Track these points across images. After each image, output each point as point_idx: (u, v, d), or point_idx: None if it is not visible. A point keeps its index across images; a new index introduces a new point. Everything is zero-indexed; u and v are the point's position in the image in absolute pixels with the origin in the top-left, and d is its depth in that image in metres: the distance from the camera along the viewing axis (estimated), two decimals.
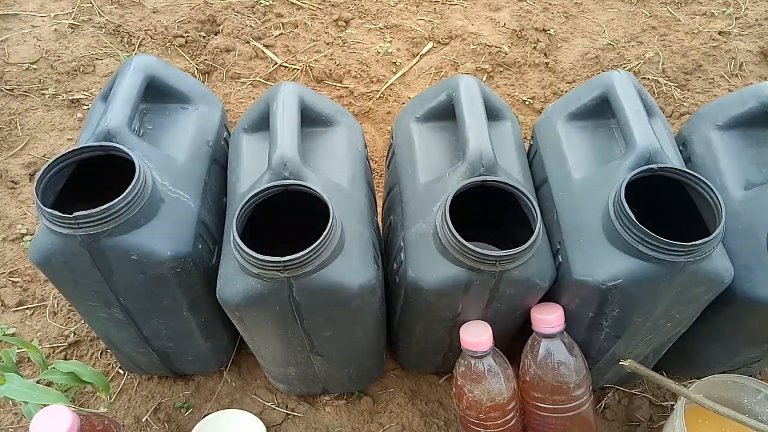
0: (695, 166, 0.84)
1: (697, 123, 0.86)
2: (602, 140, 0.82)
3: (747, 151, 0.81)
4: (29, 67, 1.42)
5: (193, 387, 0.99)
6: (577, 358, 0.78)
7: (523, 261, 0.68)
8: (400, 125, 0.87)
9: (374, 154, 1.32)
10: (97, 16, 1.54)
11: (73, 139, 1.31)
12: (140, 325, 0.82)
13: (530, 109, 1.41)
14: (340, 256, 0.66)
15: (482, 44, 1.52)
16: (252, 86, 1.44)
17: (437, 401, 0.98)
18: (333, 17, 1.59)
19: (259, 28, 1.55)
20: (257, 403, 0.97)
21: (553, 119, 0.86)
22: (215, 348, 0.92)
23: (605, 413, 0.97)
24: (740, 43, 1.53)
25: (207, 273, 0.77)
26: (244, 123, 0.83)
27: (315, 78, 1.45)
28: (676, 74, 1.46)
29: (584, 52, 1.52)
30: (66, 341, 1.02)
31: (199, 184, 0.79)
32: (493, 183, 0.70)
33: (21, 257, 1.13)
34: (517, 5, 1.64)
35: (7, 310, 1.06)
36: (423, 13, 1.63)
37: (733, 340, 0.83)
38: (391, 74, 1.47)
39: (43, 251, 0.68)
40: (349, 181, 0.77)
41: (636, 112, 0.75)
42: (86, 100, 1.38)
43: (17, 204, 1.20)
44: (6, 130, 1.31)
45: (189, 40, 1.50)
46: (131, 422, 0.94)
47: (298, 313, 0.68)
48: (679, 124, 1.36)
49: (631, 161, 0.72)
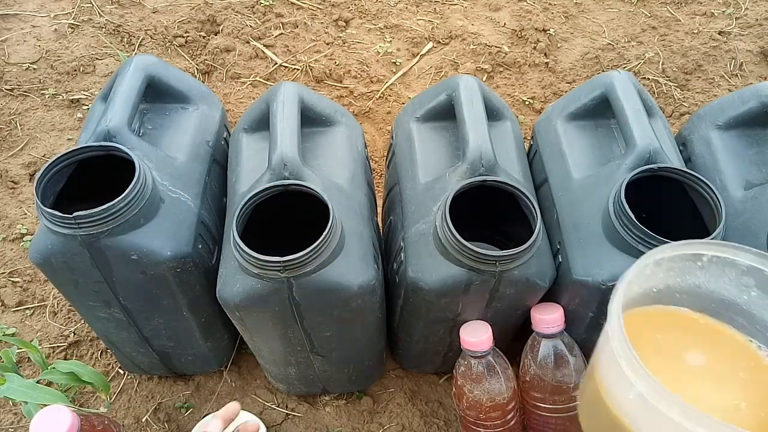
0: (695, 166, 0.84)
1: (697, 123, 0.86)
2: (602, 140, 0.82)
3: (747, 151, 0.81)
4: (29, 67, 1.42)
5: (193, 387, 0.98)
6: (577, 358, 0.78)
7: (523, 261, 0.68)
8: (400, 125, 0.87)
9: (374, 154, 1.32)
10: (97, 16, 1.54)
11: (73, 139, 1.31)
12: (140, 325, 0.82)
13: (530, 109, 1.41)
14: (340, 256, 0.66)
15: (482, 44, 1.52)
16: (252, 86, 1.44)
17: (437, 401, 0.98)
18: (333, 17, 1.59)
19: (259, 28, 1.55)
20: (257, 403, 0.97)
21: (553, 119, 0.86)
22: (215, 348, 0.92)
23: None
24: (740, 43, 1.52)
25: (207, 273, 0.77)
26: (244, 123, 0.83)
27: (315, 78, 1.45)
28: (676, 74, 1.46)
29: (584, 52, 1.52)
30: (66, 341, 1.02)
31: (199, 184, 0.79)
32: (493, 183, 0.70)
33: (21, 257, 1.13)
34: (517, 5, 1.64)
35: (7, 310, 1.06)
36: (423, 13, 1.63)
37: None
38: (391, 74, 1.47)
39: (43, 251, 0.68)
40: (349, 181, 0.77)
41: (636, 112, 0.75)
42: (86, 100, 1.38)
43: (17, 204, 1.20)
44: (6, 130, 1.31)
45: (189, 40, 1.50)
46: (131, 422, 0.94)
47: (298, 313, 0.68)
48: (679, 124, 1.36)
49: (631, 161, 0.72)
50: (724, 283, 0.53)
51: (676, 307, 0.56)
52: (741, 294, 0.52)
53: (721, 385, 0.49)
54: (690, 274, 0.54)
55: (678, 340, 0.53)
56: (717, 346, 0.52)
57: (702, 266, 0.53)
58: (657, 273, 0.53)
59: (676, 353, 0.51)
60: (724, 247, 0.51)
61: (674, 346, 0.53)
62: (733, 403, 0.47)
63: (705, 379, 0.49)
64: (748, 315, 0.52)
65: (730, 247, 0.51)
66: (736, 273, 0.51)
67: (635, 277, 0.49)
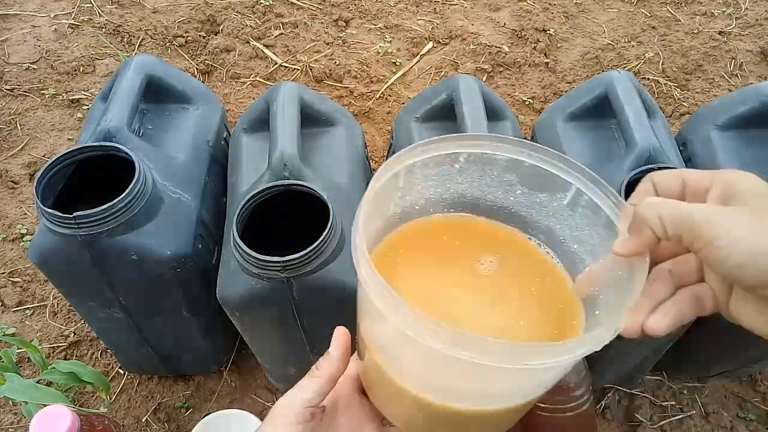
0: (695, 166, 0.84)
1: (697, 123, 0.86)
2: (602, 140, 0.82)
3: (747, 151, 0.81)
4: (29, 67, 1.42)
5: (193, 387, 0.98)
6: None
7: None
8: (400, 125, 0.87)
9: (374, 154, 1.32)
10: (97, 16, 1.54)
11: (73, 139, 1.31)
12: (140, 325, 0.82)
13: (530, 109, 1.41)
14: (341, 256, 0.66)
15: (482, 44, 1.52)
16: (252, 86, 1.44)
17: None
18: (333, 17, 1.59)
19: (259, 28, 1.55)
20: (257, 403, 0.97)
21: (553, 119, 0.86)
22: (215, 348, 0.92)
23: (605, 413, 0.97)
24: (740, 43, 1.52)
25: (207, 273, 0.77)
26: (244, 123, 0.83)
27: (315, 78, 1.45)
28: (676, 74, 1.46)
29: (584, 52, 1.52)
30: (66, 341, 1.02)
31: (199, 184, 0.79)
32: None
33: (21, 257, 1.13)
34: (517, 5, 1.64)
35: (7, 310, 1.06)
36: (423, 13, 1.63)
37: (733, 340, 0.83)
38: (391, 74, 1.47)
39: (43, 251, 0.68)
40: (348, 180, 0.77)
41: (636, 112, 0.75)
42: (86, 100, 1.38)
43: (17, 204, 1.20)
44: (6, 130, 1.31)
45: (189, 40, 1.50)
46: (131, 422, 0.94)
47: (298, 312, 0.68)
48: (679, 124, 1.36)
49: (631, 161, 0.72)
50: (487, 186, 0.45)
51: (457, 214, 0.47)
52: (507, 196, 0.45)
53: (500, 301, 0.42)
54: (450, 180, 0.45)
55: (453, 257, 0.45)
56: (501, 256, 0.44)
57: (461, 169, 0.44)
58: (413, 184, 0.44)
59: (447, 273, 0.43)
60: (479, 140, 0.42)
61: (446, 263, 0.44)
62: (509, 322, 0.40)
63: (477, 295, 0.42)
64: (519, 219, 0.45)
65: (486, 139, 0.42)
66: (498, 171, 0.44)
67: (382, 190, 0.40)
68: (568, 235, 0.43)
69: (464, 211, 0.47)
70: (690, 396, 0.98)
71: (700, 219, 0.29)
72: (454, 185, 0.45)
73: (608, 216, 0.38)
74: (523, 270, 0.44)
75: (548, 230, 0.44)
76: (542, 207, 0.44)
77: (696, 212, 0.30)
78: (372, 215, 0.40)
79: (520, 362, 0.31)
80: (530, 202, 0.44)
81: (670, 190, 0.34)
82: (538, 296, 0.42)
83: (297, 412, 0.39)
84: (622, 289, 0.35)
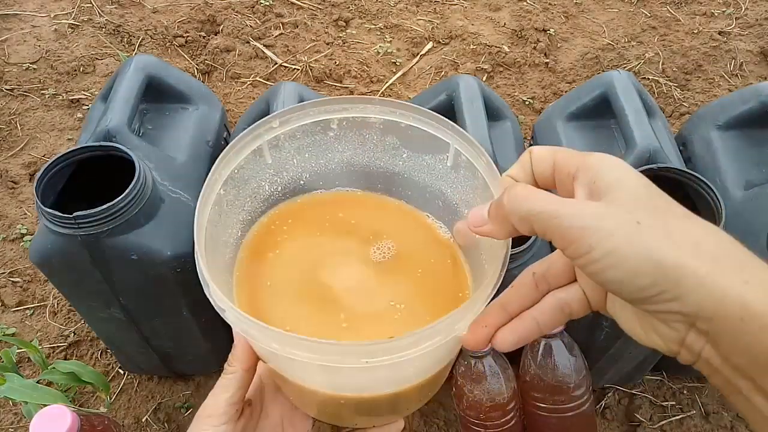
0: (695, 166, 0.84)
1: (697, 123, 0.86)
2: (602, 140, 0.82)
3: (747, 151, 0.81)
4: (29, 67, 1.42)
5: (193, 387, 0.98)
6: (577, 358, 0.78)
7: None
8: None
9: None
10: (97, 16, 1.54)
11: (73, 139, 1.31)
12: (140, 325, 0.82)
13: (530, 109, 1.41)
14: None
15: (482, 44, 1.52)
16: (252, 86, 1.44)
17: (437, 401, 0.98)
18: (333, 17, 1.59)
19: (259, 28, 1.55)
20: None
21: (553, 119, 0.86)
22: (215, 348, 0.92)
23: (605, 413, 0.97)
24: (740, 43, 1.52)
25: None
26: (244, 123, 0.83)
27: (315, 78, 1.45)
28: (676, 74, 1.46)
29: (584, 52, 1.52)
30: (66, 341, 1.02)
31: (199, 184, 0.78)
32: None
33: (21, 257, 1.13)
34: (517, 5, 1.64)
35: (7, 310, 1.06)
36: (423, 13, 1.63)
37: None
38: (391, 74, 1.47)
39: (43, 251, 0.68)
40: None
41: (636, 112, 0.75)
42: (86, 100, 1.38)
43: (17, 204, 1.20)
44: (6, 130, 1.31)
45: (189, 40, 1.50)
46: (131, 422, 0.94)
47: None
48: (679, 124, 1.36)
49: (631, 161, 0.72)
50: (372, 152, 0.42)
51: (350, 189, 0.44)
52: (395, 160, 0.42)
53: (383, 283, 0.39)
54: (329, 149, 0.42)
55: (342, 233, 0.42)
56: (392, 235, 0.42)
57: (337, 136, 0.41)
58: (285, 159, 0.41)
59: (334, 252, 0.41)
60: (349, 103, 0.39)
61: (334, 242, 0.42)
62: (389, 304, 0.38)
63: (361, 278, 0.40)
64: (414, 184, 0.42)
65: (357, 102, 0.40)
66: (377, 134, 0.41)
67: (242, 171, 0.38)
68: (458, 200, 0.41)
69: (359, 182, 0.44)
70: (690, 396, 0.98)
71: (570, 223, 0.26)
72: (336, 154, 0.42)
73: (484, 179, 0.37)
74: (415, 248, 0.42)
75: (441, 194, 0.42)
76: (431, 170, 0.42)
77: (565, 216, 0.27)
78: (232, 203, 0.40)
79: (360, 361, 0.30)
80: (419, 165, 0.42)
81: (542, 170, 0.31)
82: (423, 277, 0.40)
83: (222, 412, 0.39)
84: None
